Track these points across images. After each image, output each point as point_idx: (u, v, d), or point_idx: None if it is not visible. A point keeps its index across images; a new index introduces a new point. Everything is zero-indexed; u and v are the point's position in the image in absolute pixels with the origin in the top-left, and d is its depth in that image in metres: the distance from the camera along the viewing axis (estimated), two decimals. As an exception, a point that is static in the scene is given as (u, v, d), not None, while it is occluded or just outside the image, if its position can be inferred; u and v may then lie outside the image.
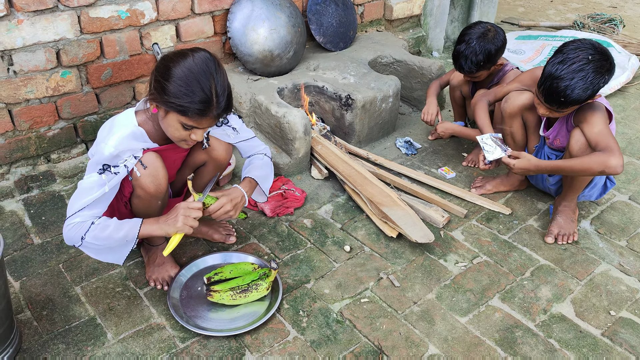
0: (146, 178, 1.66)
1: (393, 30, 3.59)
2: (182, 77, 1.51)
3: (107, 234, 1.61)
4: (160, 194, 1.71)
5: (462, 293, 1.92)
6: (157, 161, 1.67)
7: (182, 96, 1.50)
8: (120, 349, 1.69)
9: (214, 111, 1.54)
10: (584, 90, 1.84)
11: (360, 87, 2.70)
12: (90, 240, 1.60)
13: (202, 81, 1.51)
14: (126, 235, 1.64)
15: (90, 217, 1.60)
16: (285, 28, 2.76)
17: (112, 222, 1.63)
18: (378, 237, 2.18)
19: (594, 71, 1.83)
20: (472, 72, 2.43)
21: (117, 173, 1.61)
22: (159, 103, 1.56)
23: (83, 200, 1.59)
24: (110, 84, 2.53)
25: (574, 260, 2.07)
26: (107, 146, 1.58)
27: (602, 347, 1.72)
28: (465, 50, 2.38)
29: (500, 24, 4.51)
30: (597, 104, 1.97)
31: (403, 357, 1.68)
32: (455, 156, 2.73)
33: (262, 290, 1.84)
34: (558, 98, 1.89)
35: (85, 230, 1.59)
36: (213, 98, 1.53)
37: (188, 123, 1.56)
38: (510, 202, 2.40)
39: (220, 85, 1.55)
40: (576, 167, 1.94)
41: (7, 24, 2.15)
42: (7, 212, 2.26)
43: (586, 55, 1.84)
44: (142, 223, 1.66)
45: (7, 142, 2.37)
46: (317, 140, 2.57)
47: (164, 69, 1.54)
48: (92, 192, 1.59)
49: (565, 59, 1.87)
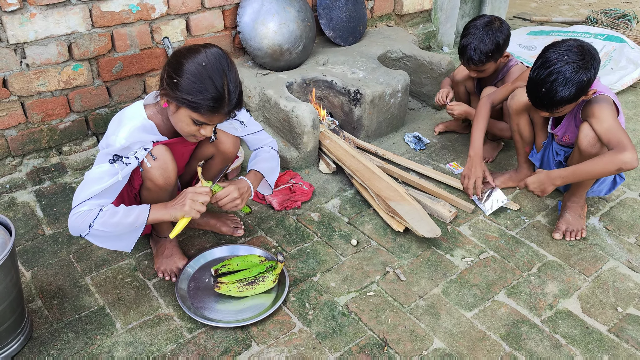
0: (156, 170, 1.67)
1: (403, 25, 3.58)
2: (195, 74, 1.52)
3: (116, 220, 1.59)
4: (169, 186, 1.73)
5: (468, 288, 1.92)
6: (167, 154, 1.69)
7: (195, 93, 1.52)
8: (128, 339, 1.71)
9: (225, 108, 1.56)
10: (566, 89, 1.83)
11: (369, 82, 2.70)
12: (99, 228, 1.58)
13: (215, 78, 1.52)
14: (135, 220, 1.63)
15: (97, 205, 1.59)
16: (294, 22, 2.76)
17: (121, 208, 1.63)
18: (385, 231, 2.19)
19: (573, 70, 1.82)
20: (482, 62, 2.39)
21: (128, 164, 1.63)
22: (171, 98, 1.57)
23: (91, 189, 1.58)
24: (121, 78, 2.56)
25: (582, 257, 2.06)
26: (118, 138, 1.60)
27: (608, 344, 1.72)
28: (473, 41, 2.37)
29: (512, 20, 4.49)
30: (604, 97, 1.95)
31: (408, 350, 1.69)
32: (464, 152, 2.72)
33: (268, 282, 1.85)
34: (543, 102, 1.90)
35: (93, 218, 1.57)
36: (225, 95, 1.54)
37: (199, 119, 1.57)
38: (518, 198, 2.39)
39: (233, 83, 1.55)
40: (592, 170, 1.90)
41: (20, 17, 2.18)
42: (19, 203, 2.29)
43: (560, 56, 1.84)
44: (150, 208, 1.66)
45: (19, 134, 2.41)
46: (325, 135, 2.58)
47: (177, 65, 1.55)
48: (102, 181, 1.59)
49: (542, 63, 1.88)
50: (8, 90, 2.29)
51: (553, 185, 2.00)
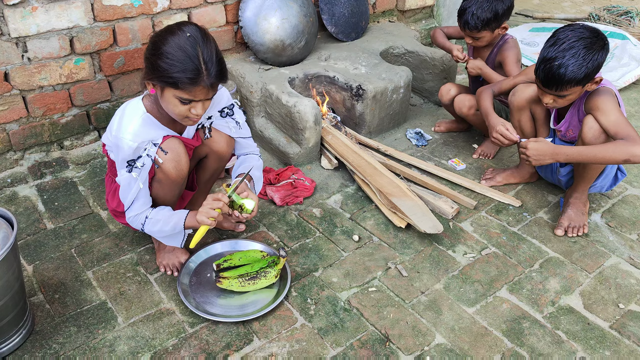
0: (169, 163, 1.67)
1: (405, 21, 3.57)
2: (169, 51, 1.52)
3: (158, 228, 1.75)
4: (181, 179, 1.74)
5: (470, 284, 1.92)
6: (180, 146, 1.69)
7: (171, 68, 1.51)
8: (130, 333, 1.71)
9: (205, 79, 1.54)
10: (578, 67, 1.84)
11: (371, 78, 2.69)
12: (148, 231, 1.77)
13: (188, 50, 1.52)
14: (174, 228, 1.75)
15: (142, 208, 1.74)
16: (297, 17, 2.75)
17: (162, 216, 1.75)
18: (387, 227, 2.18)
19: (585, 47, 1.83)
20: (478, 28, 2.37)
21: (144, 165, 1.65)
22: (152, 80, 1.58)
23: (128, 196, 1.71)
24: (122, 72, 2.55)
25: (584, 253, 2.06)
26: (125, 140, 1.61)
27: (609, 340, 1.72)
28: (472, 5, 2.35)
29: (515, 16, 4.47)
30: (606, 89, 1.95)
31: (410, 345, 1.69)
32: (465, 148, 2.72)
33: (270, 277, 1.85)
34: (554, 79, 1.88)
35: (142, 223, 1.75)
36: (201, 65, 1.52)
37: (183, 96, 1.56)
38: (520, 195, 2.38)
39: (208, 53, 1.54)
40: (600, 155, 1.89)
41: (22, 11, 2.17)
42: (20, 198, 2.29)
43: (575, 35, 1.86)
44: (187, 216, 1.74)
45: (21, 128, 2.40)
46: (327, 130, 2.57)
47: (152, 46, 1.56)
48: (130, 188, 1.68)
49: (556, 41, 1.89)
50: (9, 84, 2.29)
51: (553, 159, 1.97)
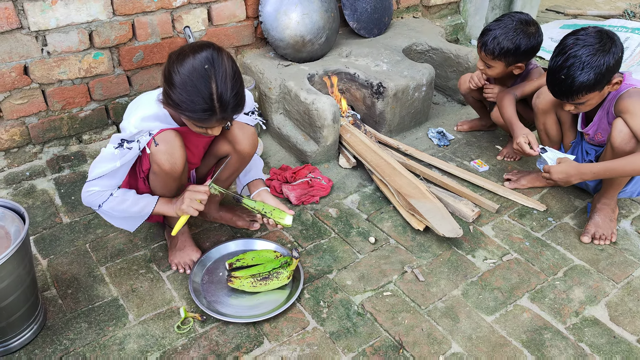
0: (162, 155, 1.64)
1: (430, 17, 3.49)
2: (182, 85, 1.47)
3: (124, 207, 1.70)
4: (176, 173, 1.69)
5: (490, 291, 1.85)
6: (176, 140, 1.65)
7: (184, 104, 1.48)
8: (140, 331, 1.70)
9: (218, 115, 1.50)
10: (585, 74, 1.76)
11: (392, 75, 2.63)
12: (107, 209, 1.70)
13: (201, 88, 1.46)
14: (141, 210, 1.73)
15: (108, 187, 1.67)
16: (318, 13, 2.70)
17: (130, 196, 1.71)
18: (404, 229, 2.12)
19: (590, 53, 1.76)
20: (493, 54, 2.24)
21: (130, 149, 1.62)
22: (168, 107, 1.58)
23: (100, 169, 1.63)
24: (141, 67, 2.54)
25: (611, 262, 1.97)
26: (130, 125, 1.61)
27: (636, 354, 1.63)
28: (498, 29, 2.23)
29: (545, 12, 4.34)
30: (638, 90, 1.85)
31: (424, 354, 1.63)
32: (489, 149, 2.63)
33: (282, 278, 1.81)
34: (562, 90, 1.83)
35: (103, 200, 1.68)
36: (215, 104, 1.48)
37: (197, 125, 1.56)
38: (545, 199, 2.30)
39: (223, 87, 1.47)
40: (628, 167, 1.81)
41: (42, 4, 2.17)
42: (38, 191, 2.30)
43: (576, 40, 1.79)
44: (157, 201, 1.74)
45: (40, 121, 2.41)
46: (346, 129, 2.52)
47: (168, 75, 1.51)
48: (106, 163, 1.63)
49: (559, 50, 1.83)
50: (29, 77, 2.30)
51: (581, 179, 1.92)
